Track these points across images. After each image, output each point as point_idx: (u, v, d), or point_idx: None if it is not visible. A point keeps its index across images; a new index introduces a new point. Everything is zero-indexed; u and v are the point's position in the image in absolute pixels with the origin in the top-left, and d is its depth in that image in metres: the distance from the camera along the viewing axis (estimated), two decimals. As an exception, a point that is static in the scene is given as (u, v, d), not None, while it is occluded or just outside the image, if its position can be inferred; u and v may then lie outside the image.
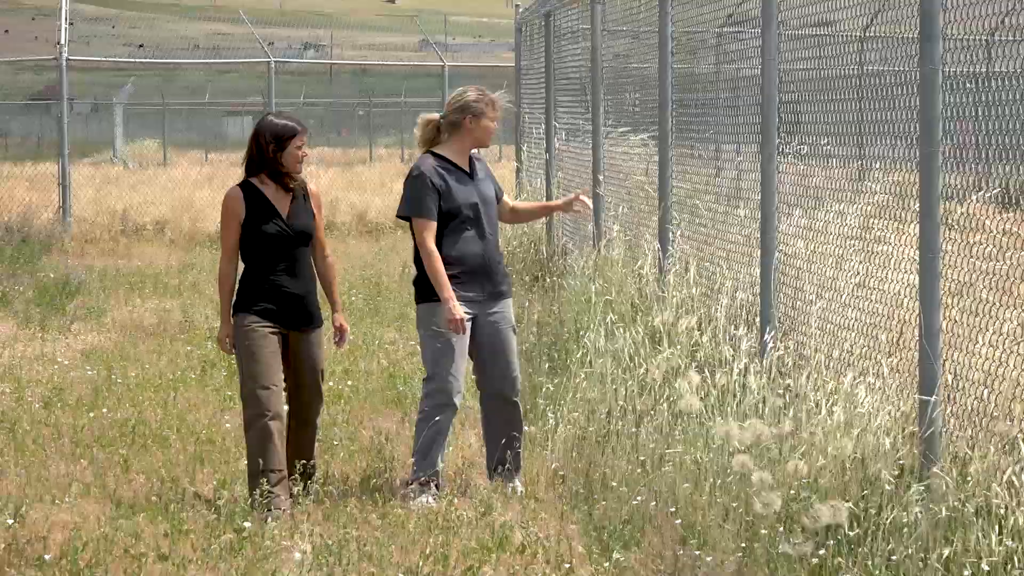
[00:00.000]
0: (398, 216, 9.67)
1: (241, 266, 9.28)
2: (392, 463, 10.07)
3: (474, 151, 9.74)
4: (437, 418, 9.31)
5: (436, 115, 9.71)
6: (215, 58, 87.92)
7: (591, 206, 10.49)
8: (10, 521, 8.65)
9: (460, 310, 9.21)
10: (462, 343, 9.36)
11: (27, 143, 57.75)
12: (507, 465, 9.48)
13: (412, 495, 9.13)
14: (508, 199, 10.09)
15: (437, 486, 9.25)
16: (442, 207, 9.36)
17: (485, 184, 9.63)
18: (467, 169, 9.56)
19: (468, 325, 9.34)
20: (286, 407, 9.24)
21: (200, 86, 78.54)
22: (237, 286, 9.23)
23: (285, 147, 9.10)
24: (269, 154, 9.10)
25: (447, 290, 9.21)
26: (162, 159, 49.40)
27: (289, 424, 9.19)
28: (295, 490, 8.93)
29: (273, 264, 9.14)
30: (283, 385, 9.15)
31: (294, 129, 9.12)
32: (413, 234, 9.44)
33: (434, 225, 9.33)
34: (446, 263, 9.29)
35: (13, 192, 28.14)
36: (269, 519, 8.61)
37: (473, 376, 9.77)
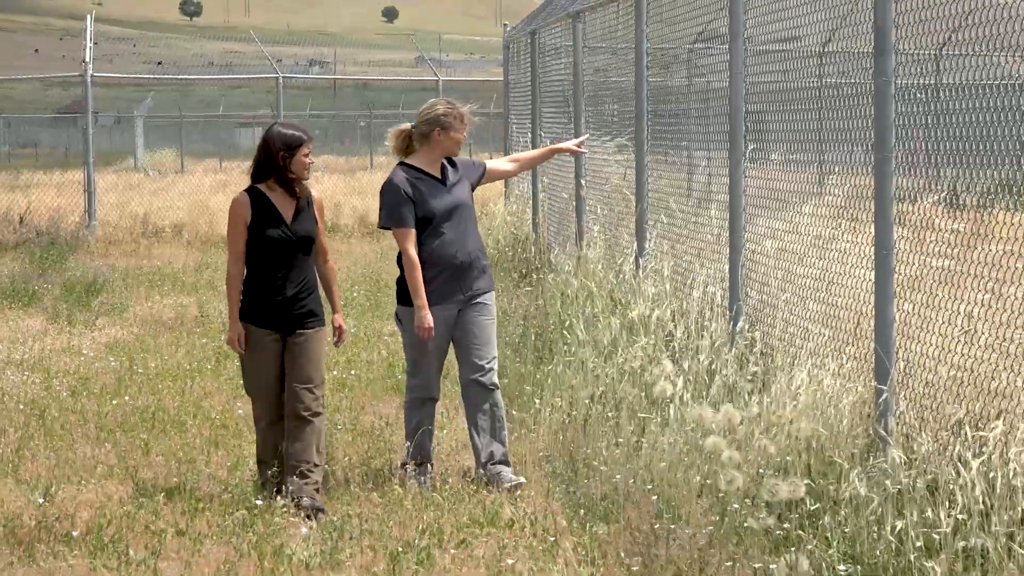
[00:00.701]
0: (379, 227, 9.55)
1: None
2: (391, 446, 10.09)
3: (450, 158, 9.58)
4: (419, 410, 9.27)
5: (407, 126, 9.60)
6: (228, 74, 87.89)
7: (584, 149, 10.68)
8: (40, 500, 8.66)
9: (430, 319, 9.07)
10: (441, 340, 9.24)
11: (55, 153, 57.73)
12: (495, 460, 9.21)
13: (406, 478, 9.01)
14: (499, 161, 10.28)
15: (430, 466, 9.24)
16: (417, 214, 9.22)
17: (460, 187, 9.44)
18: (439, 176, 9.38)
19: (445, 328, 9.19)
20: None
21: (214, 100, 78.47)
22: (243, 290, 9.00)
23: (294, 154, 8.87)
24: (279, 161, 8.87)
25: (421, 299, 9.08)
26: (179, 167, 49.44)
27: (288, 426, 8.84)
28: (288, 488, 8.63)
29: (276, 268, 8.89)
30: (282, 388, 8.88)
31: (302, 138, 8.92)
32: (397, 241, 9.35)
33: (413, 233, 9.21)
34: (428, 265, 9.17)
35: (43, 198, 28.15)
36: (282, 501, 8.43)
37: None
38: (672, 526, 7.50)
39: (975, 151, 7.73)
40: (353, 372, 12.87)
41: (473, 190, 9.61)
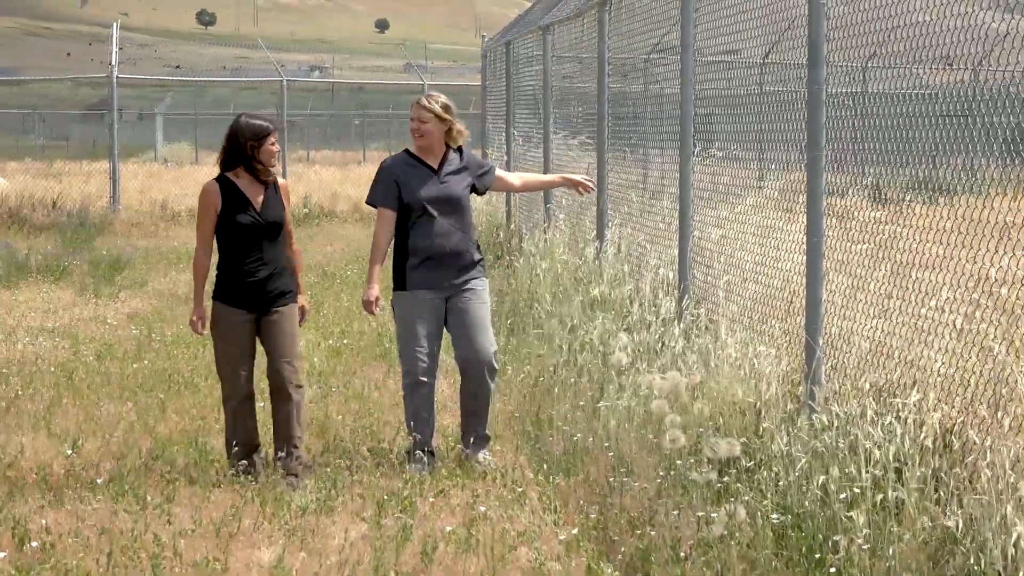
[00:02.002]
0: (366, 202, 8.93)
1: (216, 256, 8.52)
2: (380, 407, 10.09)
3: (459, 145, 8.81)
4: (413, 396, 8.59)
5: None
6: (238, 77, 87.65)
7: (593, 186, 9.48)
8: (69, 451, 8.66)
9: (373, 294, 8.66)
10: (429, 326, 8.57)
11: (84, 146, 57.48)
12: (477, 437, 8.67)
13: (408, 464, 8.44)
14: (508, 174, 9.40)
15: (432, 453, 8.55)
16: (403, 200, 8.58)
17: (455, 180, 8.68)
18: (433, 166, 8.66)
19: (433, 313, 8.59)
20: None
21: (225, 100, 78.28)
22: (213, 273, 8.45)
23: (262, 144, 8.33)
24: (247, 151, 8.33)
25: (370, 273, 8.71)
26: (194, 159, 49.29)
27: (272, 401, 8.45)
28: (276, 464, 8.31)
29: (246, 252, 8.33)
30: (253, 367, 8.42)
31: (269, 128, 8.39)
32: None
33: (387, 213, 8.63)
34: (413, 252, 8.57)
35: (73, 185, 28.09)
36: (246, 471, 8.13)
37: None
38: (625, 479, 7.52)
39: (896, 151, 7.75)
40: (346, 341, 12.86)
41: (477, 190, 8.88)
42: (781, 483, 6.83)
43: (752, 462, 7.29)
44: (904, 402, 6.46)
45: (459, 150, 8.80)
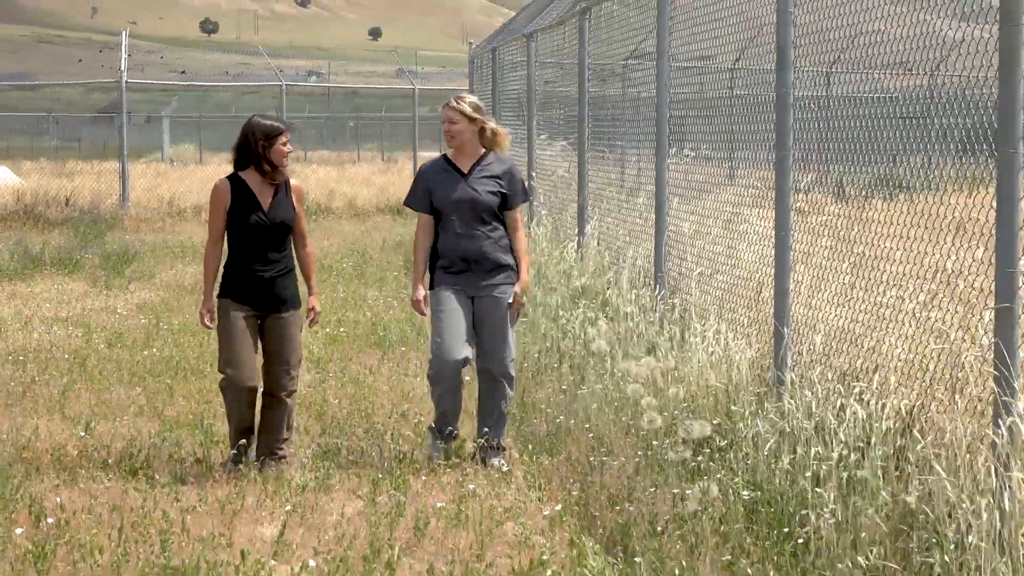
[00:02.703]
0: (404, 204, 8.53)
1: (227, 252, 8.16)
2: (374, 391, 10.08)
3: (504, 157, 8.41)
4: (439, 381, 8.11)
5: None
6: (239, 82, 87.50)
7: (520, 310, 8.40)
8: (82, 433, 8.63)
9: (419, 294, 8.23)
10: (455, 317, 8.09)
11: (95, 146, 57.34)
12: (486, 442, 8.15)
13: (430, 451, 8.12)
14: (519, 227, 8.35)
15: (454, 434, 8.16)
16: (433, 203, 8.19)
17: (481, 184, 8.20)
18: (463, 169, 8.23)
19: (460, 305, 8.10)
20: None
21: (228, 103, 78.15)
22: (222, 270, 8.08)
23: (273, 143, 7.93)
24: (259, 150, 7.94)
25: (414, 276, 8.30)
26: (199, 159, 49.18)
27: (263, 402, 8.07)
28: (256, 464, 7.90)
29: (253, 251, 7.95)
30: (255, 361, 7.98)
31: (280, 128, 8.00)
32: None
33: (423, 217, 8.24)
34: (440, 256, 8.17)
35: (85, 184, 28.04)
36: (232, 470, 7.80)
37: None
38: (605, 458, 7.52)
39: (858, 151, 7.75)
40: (342, 329, 12.84)
41: (506, 203, 8.23)
42: (751, 462, 6.84)
43: (724, 442, 7.30)
44: (867, 386, 6.46)
45: (503, 160, 8.37)
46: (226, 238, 8.05)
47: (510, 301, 8.19)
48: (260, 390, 8.01)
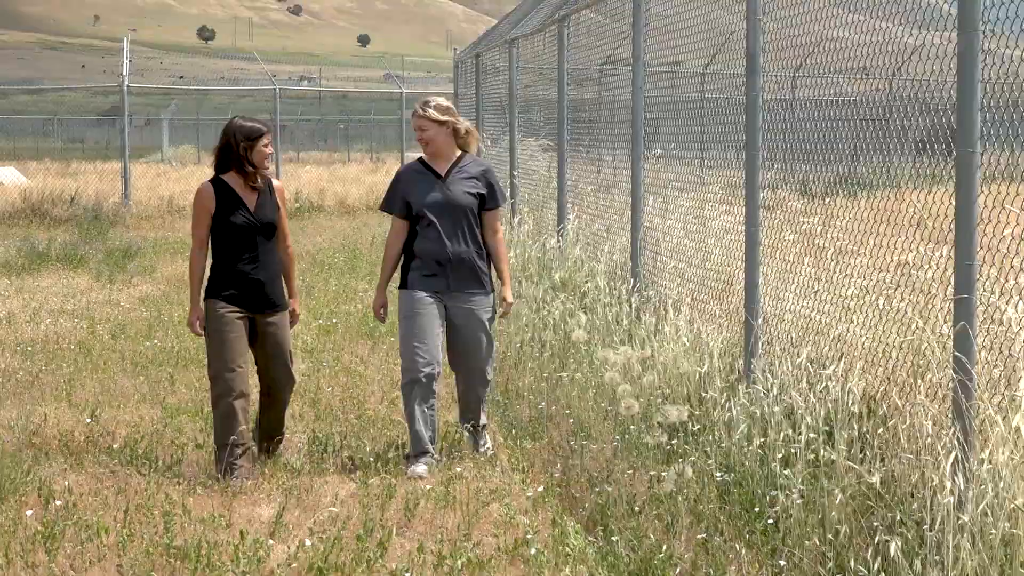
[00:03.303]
0: (380, 209, 8.07)
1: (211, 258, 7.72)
2: (365, 379, 10.07)
3: (480, 159, 8.04)
4: (409, 396, 7.56)
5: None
6: (235, 86, 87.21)
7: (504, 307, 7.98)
8: (88, 420, 8.61)
9: (380, 301, 7.83)
10: (427, 323, 7.58)
11: (98, 147, 57.18)
12: (470, 426, 7.90)
13: (407, 466, 7.48)
14: (497, 230, 7.90)
15: (431, 455, 7.56)
16: (410, 206, 7.71)
17: (459, 187, 7.75)
18: (440, 172, 7.76)
19: (432, 310, 7.62)
20: (256, 387, 7.79)
21: (224, 106, 77.87)
22: (208, 274, 7.61)
23: (255, 145, 7.47)
24: (240, 152, 7.46)
25: (379, 281, 7.90)
26: (197, 159, 49.01)
27: (262, 401, 7.72)
28: (261, 457, 7.65)
29: (240, 253, 7.48)
30: (248, 366, 7.51)
31: (261, 130, 7.52)
32: None
33: (397, 222, 7.77)
34: (416, 255, 7.69)
35: (88, 183, 27.95)
36: (235, 485, 7.16)
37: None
38: (585, 442, 7.51)
39: (821, 151, 7.75)
40: (334, 321, 12.82)
41: (483, 205, 7.80)
42: (724, 445, 6.84)
43: (698, 426, 7.30)
44: (832, 372, 6.46)
45: (479, 162, 7.96)
46: (210, 242, 7.62)
47: (487, 315, 7.79)
48: (252, 395, 7.59)
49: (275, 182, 7.72)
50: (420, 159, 7.90)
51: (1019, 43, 5.74)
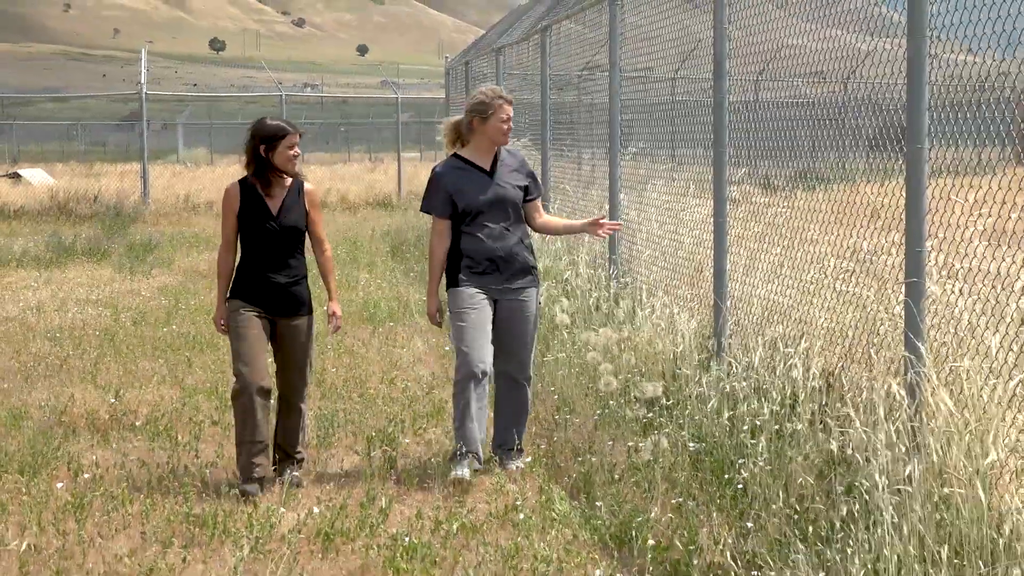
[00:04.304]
0: (422, 210, 7.02)
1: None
2: (366, 360, 10.06)
3: (512, 149, 7.04)
4: (464, 391, 6.68)
5: (459, 117, 7.02)
6: (244, 92, 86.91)
7: (618, 225, 7.36)
8: (112, 400, 8.58)
9: (434, 305, 6.89)
10: (482, 319, 6.73)
11: (119, 150, 56.98)
12: (507, 446, 6.95)
13: (451, 467, 6.67)
14: (540, 209, 7.09)
15: (478, 459, 6.72)
16: (458, 205, 6.77)
17: (509, 181, 6.86)
18: (487, 167, 6.85)
19: (486, 306, 6.77)
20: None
21: (234, 112, 77.61)
22: (235, 273, 6.83)
23: (276, 147, 6.64)
24: (262, 153, 6.67)
25: (430, 286, 6.91)
26: (210, 161, 48.89)
27: (279, 408, 6.83)
28: (285, 476, 6.70)
29: (263, 256, 6.70)
30: (268, 364, 6.75)
31: (285, 130, 6.67)
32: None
33: (443, 222, 6.80)
34: (464, 256, 6.78)
35: (110, 183, 27.98)
36: (250, 490, 6.46)
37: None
38: (568, 416, 7.52)
39: (782, 149, 7.76)
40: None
41: (527, 195, 6.97)
42: (696, 418, 6.85)
43: (672, 401, 7.31)
44: (795, 350, 6.48)
45: (513, 152, 7.04)
46: (240, 241, 6.85)
47: (536, 308, 6.95)
48: (273, 396, 6.79)
49: (307, 186, 6.86)
50: (456, 155, 6.93)
51: (963, 48, 5.75)
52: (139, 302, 13.66)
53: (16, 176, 32.86)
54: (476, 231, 6.78)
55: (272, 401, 6.74)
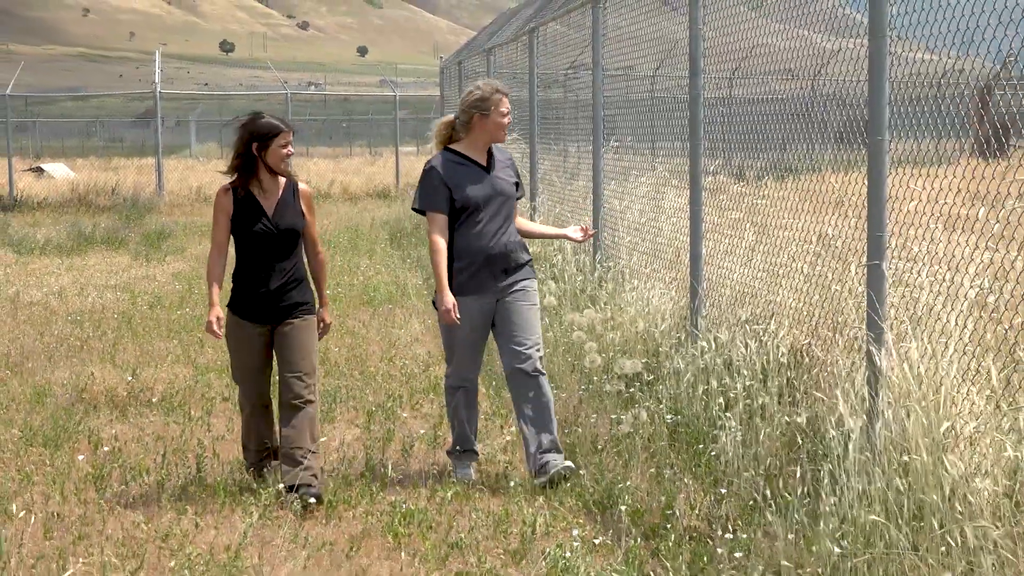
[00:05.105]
0: (412, 208, 6.29)
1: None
2: (366, 340, 10.06)
3: (499, 147, 6.36)
4: (453, 397, 6.26)
5: (452, 116, 6.34)
6: (252, 91, 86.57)
7: (590, 232, 6.58)
8: (130, 378, 8.58)
9: (449, 301, 6.02)
10: (474, 331, 6.13)
11: (135, 145, 56.79)
12: (543, 449, 6.06)
13: (453, 469, 6.26)
14: (519, 211, 6.45)
15: (475, 452, 6.31)
16: (455, 200, 6.09)
17: (503, 177, 6.23)
18: (483, 163, 6.20)
19: (481, 326, 6.16)
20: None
21: (243, 109, 77.38)
22: (230, 280, 6.09)
23: (268, 146, 5.87)
24: (253, 152, 5.89)
25: (440, 282, 6.04)
26: (220, 155, 48.74)
27: (282, 415, 6.02)
28: (292, 498, 5.77)
29: (259, 261, 5.95)
30: (269, 376, 6.11)
31: (278, 128, 5.88)
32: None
33: (440, 218, 6.08)
34: (460, 254, 6.09)
35: (127, 176, 27.95)
36: (260, 469, 6.14)
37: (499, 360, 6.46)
38: (555, 391, 7.52)
39: (754, 142, 7.77)
40: (339, 290, 12.79)
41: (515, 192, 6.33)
42: (673, 392, 6.87)
43: (651, 377, 7.32)
44: (765, 329, 6.49)
45: (501, 149, 6.38)
46: (234, 246, 6.08)
47: (537, 297, 6.32)
48: (275, 405, 6.20)
49: (302, 186, 6.13)
50: (449, 149, 6.26)
51: (922, 47, 5.76)
52: (154, 287, 13.64)
53: (39, 170, 32.77)
54: (471, 228, 6.10)
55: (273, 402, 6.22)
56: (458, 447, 6.31)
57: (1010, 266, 4.83)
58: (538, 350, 6.17)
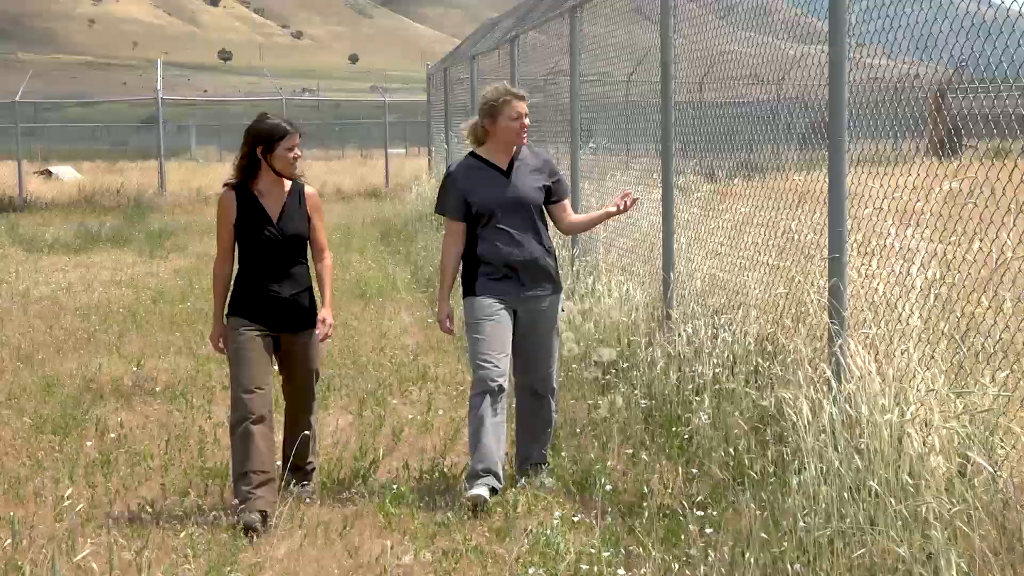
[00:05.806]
0: (436, 212, 5.82)
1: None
2: (358, 332, 10.05)
3: (537, 149, 5.90)
4: (478, 406, 5.51)
5: (476, 119, 5.82)
6: (249, 97, 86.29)
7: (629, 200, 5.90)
8: (135, 368, 8.57)
9: (445, 311, 5.73)
10: (499, 331, 5.55)
11: (138, 149, 56.50)
12: (531, 460, 5.79)
13: (467, 487, 5.46)
14: (568, 210, 5.88)
15: (496, 477, 5.45)
16: (473, 206, 5.61)
17: (527, 182, 5.67)
18: (504, 167, 5.68)
19: (505, 317, 5.59)
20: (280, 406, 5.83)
21: (241, 114, 77.13)
22: (232, 287, 5.58)
23: (274, 148, 5.42)
24: (258, 155, 5.45)
25: (440, 290, 5.78)
26: (219, 158, 48.59)
27: (286, 423, 5.74)
28: (292, 487, 5.57)
29: (264, 267, 5.47)
30: (271, 386, 5.48)
31: (284, 129, 5.42)
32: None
33: (454, 223, 5.66)
34: (480, 260, 5.62)
35: (131, 178, 27.83)
36: (249, 519, 5.14)
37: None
38: (536, 378, 7.52)
39: (724, 143, 7.78)
40: (332, 284, 12.76)
41: (550, 196, 5.78)
42: (647, 378, 6.88)
43: (626, 364, 7.33)
44: (732, 318, 6.51)
45: (537, 152, 5.87)
46: (237, 252, 5.61)
47: (557, 316, 5.79)
48: (273, 419, 5.50)
49: (308, 189, 5.62)
50: (472, 153, 5.79)
51: (882, 52, 5.78)
52: (157, 283, 13.61)
53: (48, 173, 32.62)
54: (492, 235, 5.59)
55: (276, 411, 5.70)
56: (477, 467, 5.43)
57: (961, 258, 4.85)
58: (549, 372, 5.75)
